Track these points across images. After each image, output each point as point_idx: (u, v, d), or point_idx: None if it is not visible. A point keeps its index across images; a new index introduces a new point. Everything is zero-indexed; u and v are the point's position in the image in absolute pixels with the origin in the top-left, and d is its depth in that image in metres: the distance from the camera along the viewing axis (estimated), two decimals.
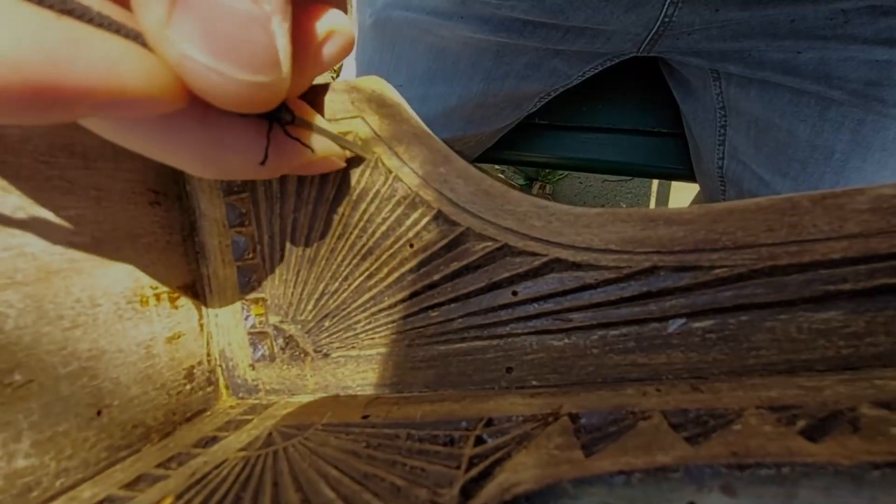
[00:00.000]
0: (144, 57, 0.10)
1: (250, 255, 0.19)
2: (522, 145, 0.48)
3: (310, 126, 0.14)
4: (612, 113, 0.46)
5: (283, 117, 0.13)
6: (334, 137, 0.15)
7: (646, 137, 0.46)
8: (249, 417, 0.18)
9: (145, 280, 0.18)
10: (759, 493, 0.10)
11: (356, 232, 0.18)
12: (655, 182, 1.14)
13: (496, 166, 1.11)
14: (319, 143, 0.15)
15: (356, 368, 0.18)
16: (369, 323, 0.18)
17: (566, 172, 1.20)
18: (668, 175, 0.48)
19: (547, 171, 1.17)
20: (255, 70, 0.11)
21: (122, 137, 0.13)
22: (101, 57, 0.10)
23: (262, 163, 0.13)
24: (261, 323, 0.19)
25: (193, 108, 0.12)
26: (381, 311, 0.18)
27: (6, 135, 0.14)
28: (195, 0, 0.10)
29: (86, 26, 0.10)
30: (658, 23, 0.37)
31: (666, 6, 0.36)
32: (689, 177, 0.47)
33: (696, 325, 0.15)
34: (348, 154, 0.17)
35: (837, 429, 0.11)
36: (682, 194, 1.06)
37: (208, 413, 0.19)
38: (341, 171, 0.18)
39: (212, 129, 0.13)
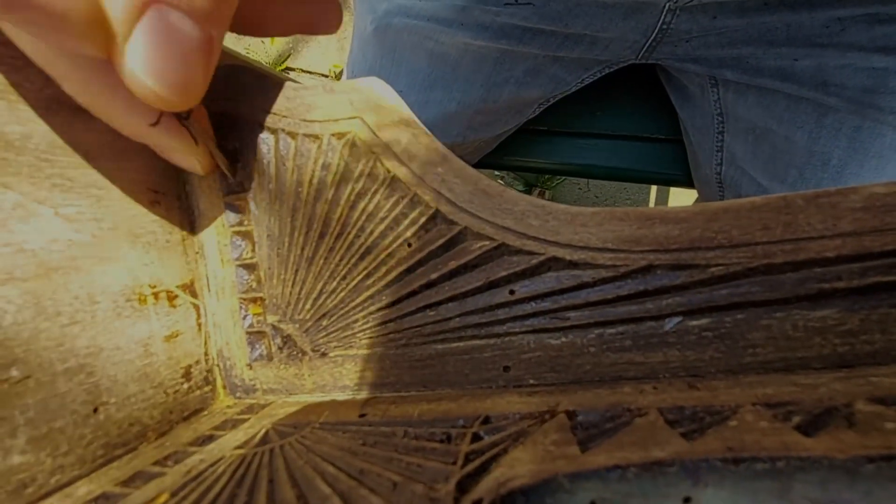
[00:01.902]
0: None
1: (249, 255, 0.19)
2: (522, 151, 0.48)
3: (192, 126, 0.16)
4: (611, 119, 0.46)
5: (182, 113, 0.16)
6: (210, 143, 0.18)
7: (644, 143, 0.46)
8: (246, 417, 0.18)
9: (144, 278, 0.18)
10: (755, 487, 0.10)
11: (354, 231, 0.18)
12: (654, 188, 1.14)
13: (495, 172, 1.12)
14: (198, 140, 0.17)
15: (354, 368, 0.18)
16: (367, 322, 0.18)
17: (565, 178, 1.20)
18: (667, 181, 0.48)
19: (546, 176, 1.18)
20: (186, 96, 0.13)
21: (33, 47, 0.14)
22: None
23: (154, 124, 0.15)
24: (259, 322, 0.19)
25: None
26: (378, 310, 0.18)
27: (8, 132, 0.14)
28: (153, 22, 0.12)
29: None
30: (656, 30, 0.38)
31: (664, 13, 0.36)
32: (687, 182, 0.47)
33: (693, 323, 0.15)
34: (214, 163, 0.18)
35: (833, 424, 0.11)
36: (680, 200, 1.07)
37: (205, 412, 0.19)
38: (340, 172, 0.18)
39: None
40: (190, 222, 0.20)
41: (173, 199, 0.19)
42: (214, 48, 0.14)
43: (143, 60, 0.12)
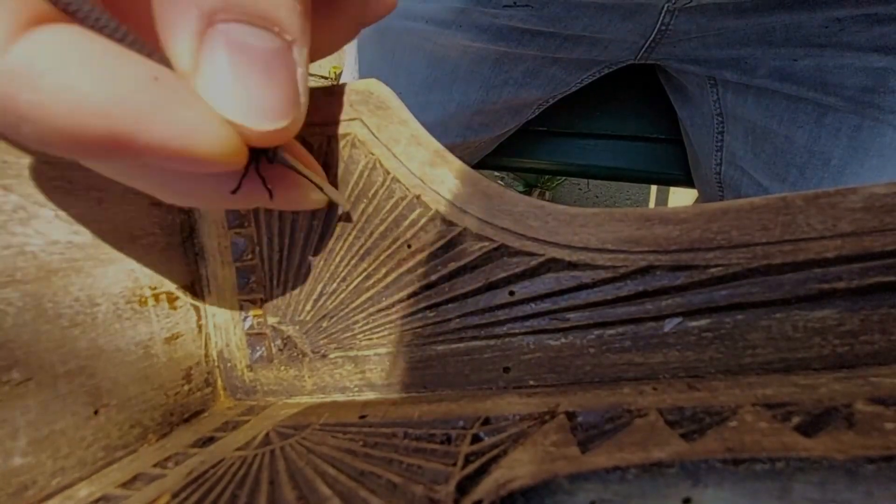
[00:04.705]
0: (221, 126, 0.11)
1: (249, 257, 0.19)
2: (521, 152, 0.48)
3: (292, 167, 0.14)
4: (611, 119, 0.46)
5: (268, 153, 0.13)
6: (316, 183, 0.15)
7: (644, 143, 0.46)
8: (247, 418, 0.18)
9: (144, 280, 0.18)
10: (755, 488, 0.10)
11: (354, 233, 0.18)
12: (654, 188, 1.14)
13: (495, 172, 1.12)
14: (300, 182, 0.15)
15: (354, 369, 0.18)
16: (367, 323, 0.18)
17: (565, 179, 1.20)
18: (667, 181, 0.48)
19: (546, 177, 1.18)
20: (277, 118, 0.11)
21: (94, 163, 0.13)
22: (183, 122, 0.10)
23: (234, 191, 0.13)
24: (259, 324, 0.19)
25: None
26: (378, 311, 0.18)
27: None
28: (220, 47, 0.10)
29: (174, 92, 0.10)
30: (655, 31, 0.38)
31: (663, 14, 0.36)
32: (687, 182, 0.47)
33: (692, 324, 0.15)
34: (325, 198, 0.16)
35: (832, 424, 0.11)
36: (681, 200, 1.07)
37: (206, 414, 0.19)
38: (339, 173, 0.18)
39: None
40: (190, 224, 0.20)
41: None
42: (298, 58, 0.12)
43: (217, 89, 0.11)
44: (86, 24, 0.10)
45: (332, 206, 0.18)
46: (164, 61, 0.11)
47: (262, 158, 0.13)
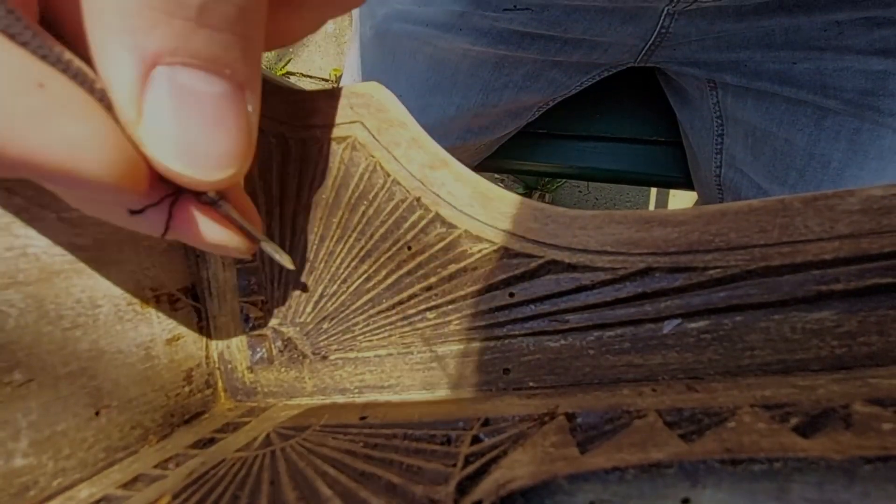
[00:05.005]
0: (111, 143, 0.10)
1: (250, 259, 0.19)
2: (521, 154, 0.48)
3: (230, 216, 0.13)
4: (610, 122, 0.46)
5: (207, 195, 0.12)
6: (255, 236, 0.14)
7: (643, 146, 0.46)
8: (247, 420, 0.18)
9: (146, 282, 0.18)
10: (753, 488, 0.10)
11: (355, 235, 0.18)
12: (654, 190, 1.14)
13: (495, 175, 1.12)
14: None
15: (354, 371, 0.18)
16: (367, 325, 0.18)
17: (565, 181, 1.20)
18: (666, 183, 0.48)
19: (546, 179, 1.18)
20: (226, 166, 0.11)
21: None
22: (67, 138, 0.09)
23: (134, 213, 0.12)
24: (259, 325, 0.19)
25: None
26: (379, 313, 0.18)
27: None
28: (164, 94, 0.09)
29: (59, 102, 0.09)
30: (655, 34, 0.38)
31: (662, 18, 0.36)
32: (686, 185, 0.47)
33: (691, 325, 0.15)
34: (251, 249, 0.15)
35: (830, 425, 0.11)
36: (680, 202, 1.07)
37: (206, 415, 0.19)
38: (340, 176, 0.18)
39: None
40: None
41: None
42: (246, 101, 0.11)
43: (162, 138, 0.10)
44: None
45: (333, 208, 0.18)
46: (50, 48, 0.09)
47: (183, 195, 0.12)
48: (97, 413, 0.16)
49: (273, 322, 0.19)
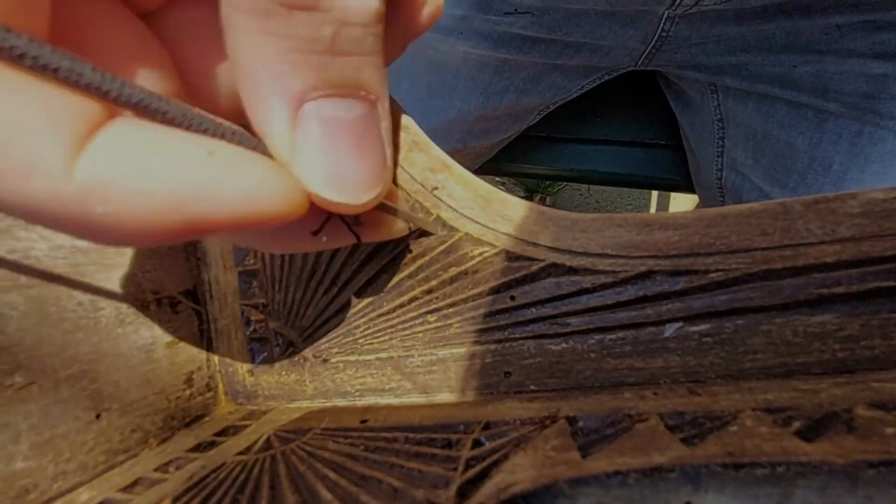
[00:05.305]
0: (282, 181, 0.11)
1: (251, 261, 0.19)
2: (522, 157, 0.48)
3: (384, 209, 0.14)
4: (611, 125, 0.46)
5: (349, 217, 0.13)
6: (408, 216, 0.16)
7: (644, 149, 0.46)
8: (248, 423, 0.18)
9: (147, 285, 0.18)
10: (755, 493, 0.10)
11: None
12: (655, 194, 1.14)
13: (496, 178, 1.12)
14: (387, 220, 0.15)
15: (355, 374, 0.18)
16: (368, 328, 0.18)
17: (566, 184, 1.21)
18: (667, 186, 0.48)
19: (547, 182, 1.18)
20: (372, 188, 0.12)
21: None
22: (245, 188, 0.10)
23: (316, 233, 0.13)
24: (261, 328, 0.19)
25: None
26: (380, 316, 0.18)
27: None
28: (314, 128, 0.10)
29: (231, 161, 0.10)
30: (655, 37, 0.38)
31: (663, 21, 0.36)
32: (688, 188, 0.47)
33: (693, 328, 0.15)
34: (407, 226, 0.16)
35: (832, 429, 0.11)
36: (681, 206, 1.07)
37: (207, 418, 0.19)
38: None
39: None
40: None
41: None
42: (383, 113, 0.12)
43: (315, 172, 0.11)
44: (136, 110, 0.09)
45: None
46: (209, 120, 0.10)
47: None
48: (98, 416, 0.16)
49: (274, 325, 0.19)
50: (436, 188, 0.17)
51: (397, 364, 0.18)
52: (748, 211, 0.14)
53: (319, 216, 0.13)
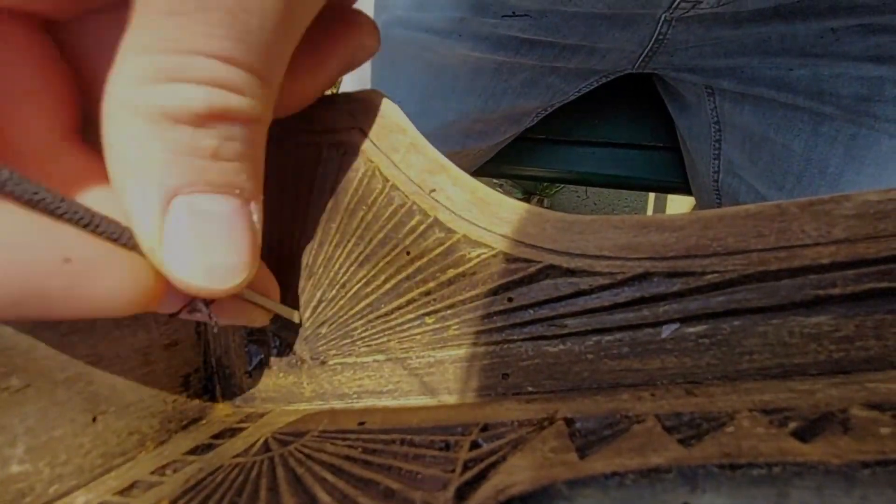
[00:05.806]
0: (136, 283, 0.11)
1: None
2: (520, 159, 0.49)
3: (249, 300, 0.15)
4: (609, 127, 0.46)
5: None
6: (269, 307, 0.16)
7: (642, 151, 0.46)
8: (245, 425, 0.18)
9: None
10: (752, 493, 0.10)
11: (353, 240, 0.18)
12: (652, 196, 1.14)
13: (494, 180, 1.12)
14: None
15: (353, 376, 0.18)
16: (366, 330, 0.18)
17: (563, 186, 1.21)
18: (664, 188, 0.48)
19: (544, 184, 1.18)
20: (240, 274, 0.12)
21: None
22: (95, 297, 0.11)
23: (172, 316, 0.14)
24: (257, 331, 0.19)
25: None
26: (377, 318, 0.18)
27: None
28: (183, 219, 0.11)
29: (85, 271, 0.10)
30: (652, 40, 0.38)
31: (660, 24, 0.37)
32: (684, 190, 0.47)
33: (690, 330, 0.15)
34: (269, 316, 0.17)
35: (828, 430, 0.11)
36: (678, 207, 1.07)
37: (204, 421, 0.19)
38: (339, 181, 0.18)
39: None
40: None
41: None
42: (255, 212, 0.12)
43: (181, 259, 0.11)
44: (13, 197, 0.09)
45: (331, 213, 0.18)
46: (102, 221, 0.11)
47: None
48: (94, 419, 0.16)
49: (271, 327, 0.19)
50: (433, 190, 0.17)
51: (395, 366, 0.18)
52: (744, 213, 0.14)
53: (178, 298, 0.13)
